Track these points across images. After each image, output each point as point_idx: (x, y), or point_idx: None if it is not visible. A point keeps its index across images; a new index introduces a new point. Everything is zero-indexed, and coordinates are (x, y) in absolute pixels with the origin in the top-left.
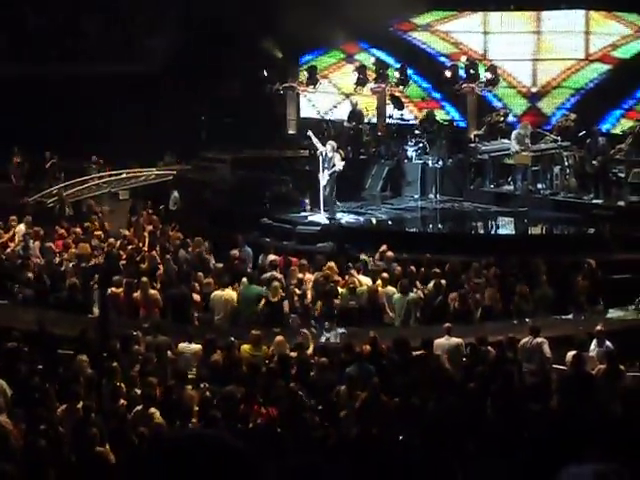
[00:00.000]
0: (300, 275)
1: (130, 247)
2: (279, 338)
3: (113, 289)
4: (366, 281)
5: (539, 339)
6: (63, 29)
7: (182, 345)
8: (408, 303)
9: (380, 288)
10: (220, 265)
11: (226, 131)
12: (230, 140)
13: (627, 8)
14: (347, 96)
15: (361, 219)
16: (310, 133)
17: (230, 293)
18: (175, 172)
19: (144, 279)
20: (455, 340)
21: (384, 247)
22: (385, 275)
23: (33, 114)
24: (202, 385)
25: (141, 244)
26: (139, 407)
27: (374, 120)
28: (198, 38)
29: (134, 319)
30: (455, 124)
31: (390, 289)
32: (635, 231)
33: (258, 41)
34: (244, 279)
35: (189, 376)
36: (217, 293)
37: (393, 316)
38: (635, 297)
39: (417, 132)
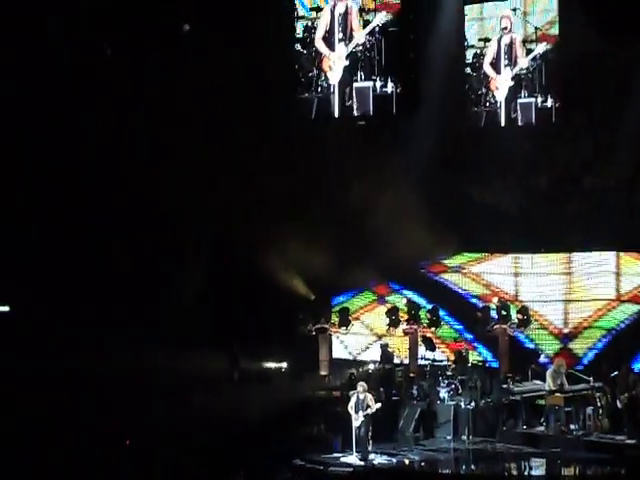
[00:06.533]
0: None
1: None
2: None
3: None
4: None
5: None
6: None
7: None
8: None
9: None
10: None
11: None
12: None
13: None
14: (379, 337)
15: (394, 460)
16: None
17: None
18: None
19: None
20: None
21: None
22: None
23: None
24: None
25: None
26: None
27: (406, 361)
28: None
29: None
30: (487, 364)
31: None
32: None
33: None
34: None
35: None
36: None
37: None
38: None
39: (449, 373)
